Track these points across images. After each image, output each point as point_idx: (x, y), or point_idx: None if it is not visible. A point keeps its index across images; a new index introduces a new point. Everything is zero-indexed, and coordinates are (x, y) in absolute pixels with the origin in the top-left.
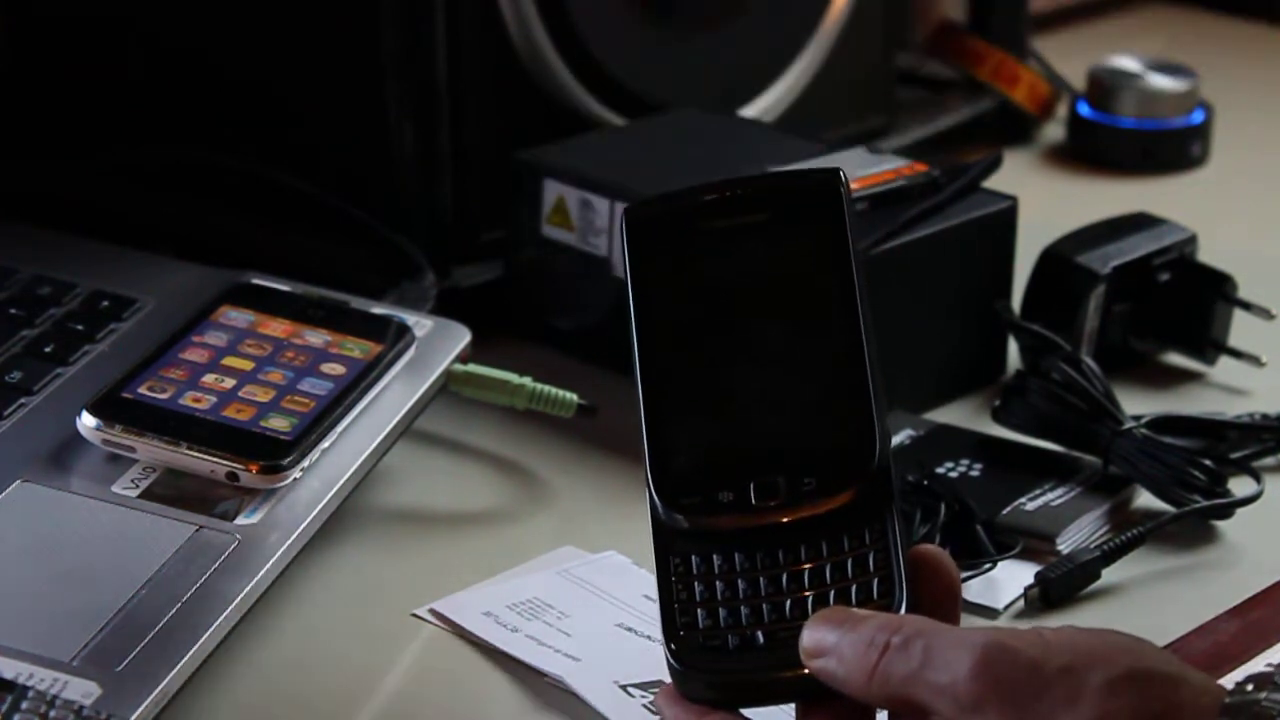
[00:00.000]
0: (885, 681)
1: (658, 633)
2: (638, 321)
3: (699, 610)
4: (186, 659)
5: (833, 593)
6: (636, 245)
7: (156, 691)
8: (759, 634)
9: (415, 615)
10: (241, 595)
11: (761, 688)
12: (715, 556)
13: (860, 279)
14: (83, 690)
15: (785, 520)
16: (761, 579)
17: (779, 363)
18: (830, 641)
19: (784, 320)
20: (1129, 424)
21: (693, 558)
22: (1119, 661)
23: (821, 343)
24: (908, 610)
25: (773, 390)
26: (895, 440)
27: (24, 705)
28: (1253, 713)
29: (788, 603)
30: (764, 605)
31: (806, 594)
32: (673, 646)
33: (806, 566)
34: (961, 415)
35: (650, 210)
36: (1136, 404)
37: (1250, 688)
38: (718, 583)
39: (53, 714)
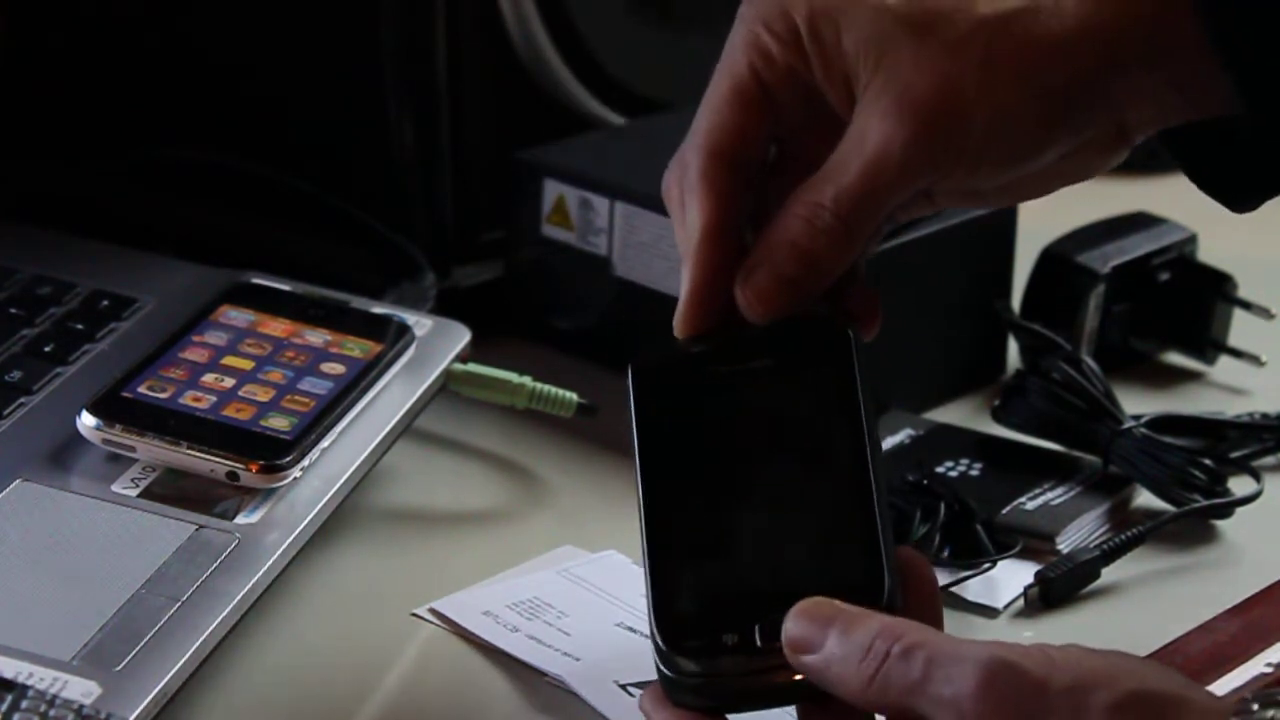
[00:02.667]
0: (884, 691)
1: None
2: (643, 472)
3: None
4: (186, 659)
5: None
6: (642, 394)
7: (156, 691)
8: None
9: (415, 615)
10: (241, 595)
11: (754, 693)
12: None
13: (869, 418)
14: (83, 690)
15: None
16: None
17: (785, 505)
18: (822, 641)
19: (790, 462)
20: (1129, 423)
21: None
22: (1123, 683)
23: (828, 485)
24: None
25: (778, 533)
26: (895, 440)
27: (24, 705)
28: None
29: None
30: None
31: None
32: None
33: None
34: (961, 415)
35: (656, 360)
36: (1136, 404)
37: (1256, 707)
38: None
39: (53, 713)
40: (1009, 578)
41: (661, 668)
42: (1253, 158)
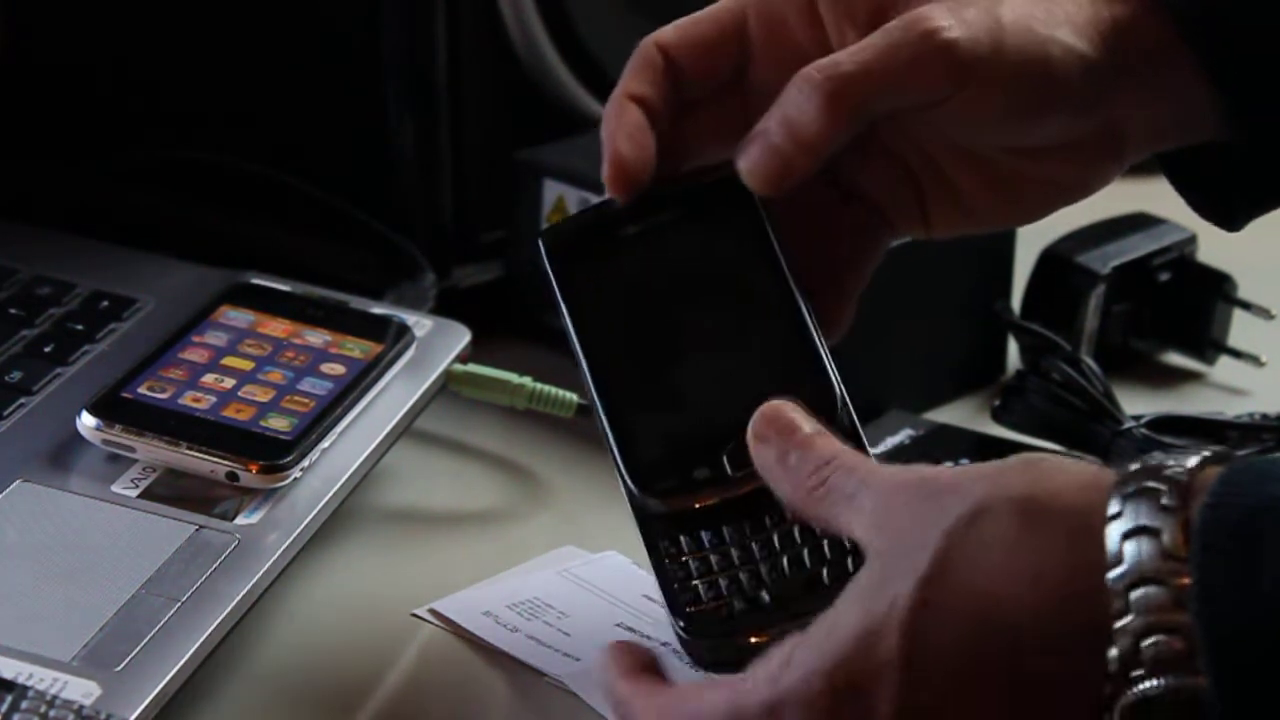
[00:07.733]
0: (818, 513)
1: (658, 632)
2: (579, 337)
3: (700, 585)
4: (186, 659)
5: (826, 542)
6: (559, 266)
7: (156, 691)
8: (763, 594)
9: (415, 615)
10: (241, 595)
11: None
12: (703, 533)
13: (789, 256)
14: (83, 690)
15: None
16: (753, 544)
17: (724, 342)
18: (774, 459)
19: (721, 305)
20: (1129, 424)
21: (681, 538)
22: (1005, 476)
23: (761, 315)
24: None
25: (724, 367)
26: (895, 440)
27: (24, 705)
28: (1146, 487)
29: (784, 560)
30: (762, 568)
31: (801, 548)
32: (682, 623)
33: (794, 525)
34: (961, 415)
35: (565, 229)
36: (1136, 404)
37: (1136, 467)
38: (712, 557)
39: (53, 714)
40: None
41: (683, 635)
42: (1242, 181)
